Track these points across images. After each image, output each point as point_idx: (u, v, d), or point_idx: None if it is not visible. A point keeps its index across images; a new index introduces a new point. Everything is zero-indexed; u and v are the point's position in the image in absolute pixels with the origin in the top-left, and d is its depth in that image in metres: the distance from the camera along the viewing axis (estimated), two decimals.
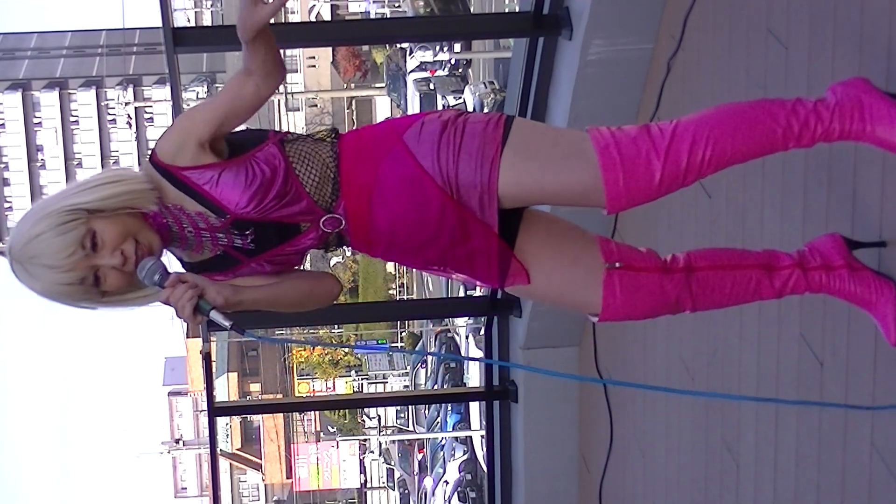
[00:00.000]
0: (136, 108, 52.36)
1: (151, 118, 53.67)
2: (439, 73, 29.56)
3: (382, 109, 41.27)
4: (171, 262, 2.45)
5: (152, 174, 2.37)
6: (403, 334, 36.87)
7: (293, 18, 42.00)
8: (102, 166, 53.14)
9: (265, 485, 44.41)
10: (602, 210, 2.35)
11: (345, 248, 2.51)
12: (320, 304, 2.54)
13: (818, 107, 2.36)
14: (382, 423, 35.62)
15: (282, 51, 2.47)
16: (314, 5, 41.10)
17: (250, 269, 2.44)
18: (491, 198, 2.36)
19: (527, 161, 2.34)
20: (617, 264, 2.50)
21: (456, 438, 26.57)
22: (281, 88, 43.02)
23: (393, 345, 37.21)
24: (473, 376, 24.02)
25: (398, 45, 31.18)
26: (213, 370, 5.12)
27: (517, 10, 5.05)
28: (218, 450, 5.50)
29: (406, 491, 34.91)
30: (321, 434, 40.86)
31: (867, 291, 2.50)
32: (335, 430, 39.84)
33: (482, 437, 18.47)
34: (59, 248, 2.27)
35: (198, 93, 46.99)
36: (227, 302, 2.32)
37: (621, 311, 2.50)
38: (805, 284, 2.53)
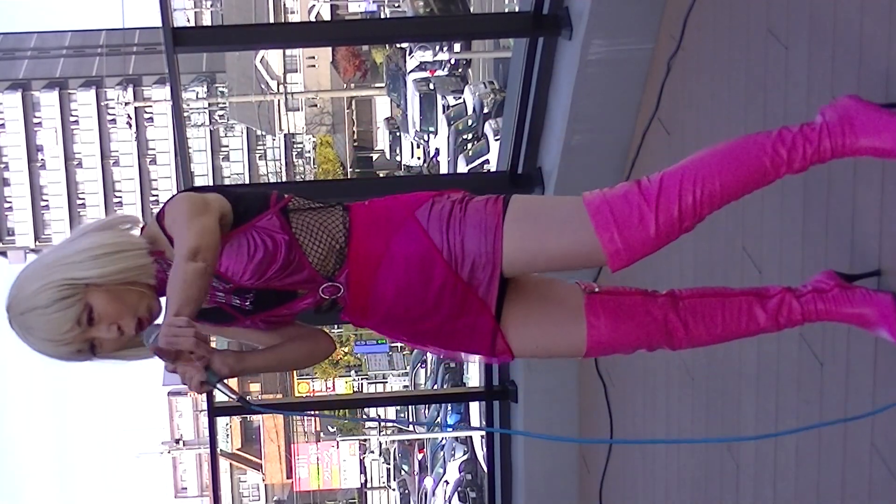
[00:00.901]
0: (136, 108, 52.35)
1: (151, 118, 53.66)
2: (439, 73, 29.57)
3: (382, 109, 41.28)
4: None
5: (156, 233, 2.39)
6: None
7: (293, 18, 42.01)
8: (103, 167, 53.21)
9: (265, 485, 44.42)
10: (608, 269, 2.41)
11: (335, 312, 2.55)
12: (316, 363, 2.65)
13: (804, 129, 2.37)
14: (382, 424, 35.61)
15: (282, 51, 2.49)
16: (314, 5, 41.11)
17: (244, 326, 2.50)
18: (495, 267, 2.42)
19: (527, 226, 2.40)
20: (596, 288, 2.56)
21: (456, 438, 26.57)
22: (281, 89, 42.89)
23: (393, 345, 37.22)
24: (473, 377, 24.01)
25: (398, 45, 31.18)
26: None
27: (517, 10, 5.05)
28: (218, 450, 5.50)
29: (406, 491, 34.92)
30: (321, 434, 40.88)
31: (863, 307, 2.49)
32: (335, 430, 39.85)
33: (482, 437, 18.47)
34: (55, 325, 2.30)
35: (197, 93, 47.02)
36: (232, 371, 2.37)
37: (607, 334, 2.53)
38: (800, 311, 2.54)
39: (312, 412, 6.84)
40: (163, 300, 2.40)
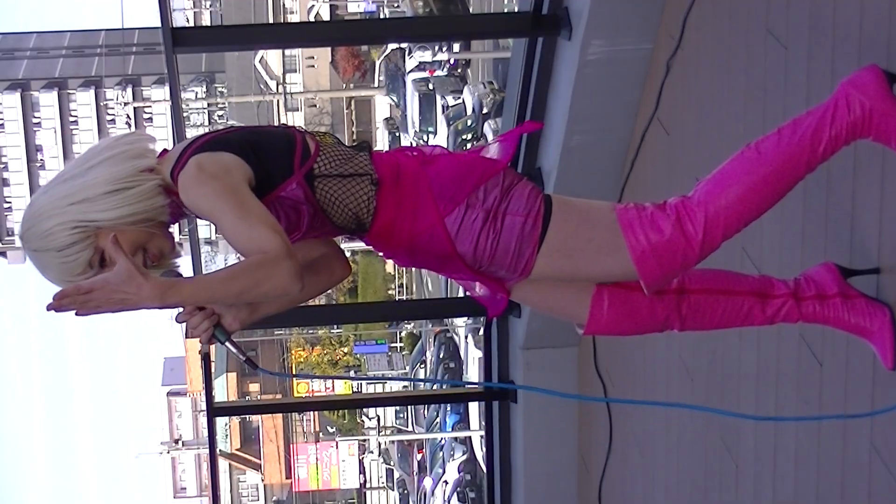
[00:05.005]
0: (135, 108, 52.32)
1: (150, 118, 53.63)
2: (438, 73, 29.54)
3: (382, 110, 41.26)
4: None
5: (171, 184, 2.32)
6: (402, 334, 36.85)
7: (292, 18, 41.99)
8: None
9: (264, 485, 44.40)
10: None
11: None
12: (329, 289, 2.60)
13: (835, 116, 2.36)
14: (382, 424, 35.61)
15: (281, 51, 2.45)
16: (313, 5, 41.07)
17: None
18: (517, 279, 2.45)
19: (561, 260, 2.40)
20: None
21: (455, 439, 26.56)
22: (280, 89, 42.92)
23: (392, 345, 37.21)
24: (473, 376, 24.00)
25: (397, 45, 31.14)
26: (212, 370, 5.11)
27: (516, 10, 5.04)
28: (217, 450, 5.50)
29: (405, 491, 34.90)
30: (320, 434, 40.86)
31: (862, 319, 2.53)
32: (334, 430, 39.83)
33: (482, 437, 18.46)
34: (68, 269, 2.28)
35: (197, 93, 46.98)
36: (244, 324, 2.35)
37: (606, 326, 2.57)
38: (798, 314, 2.57)
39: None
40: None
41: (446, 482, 26.54)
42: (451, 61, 29.12)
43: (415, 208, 2.37)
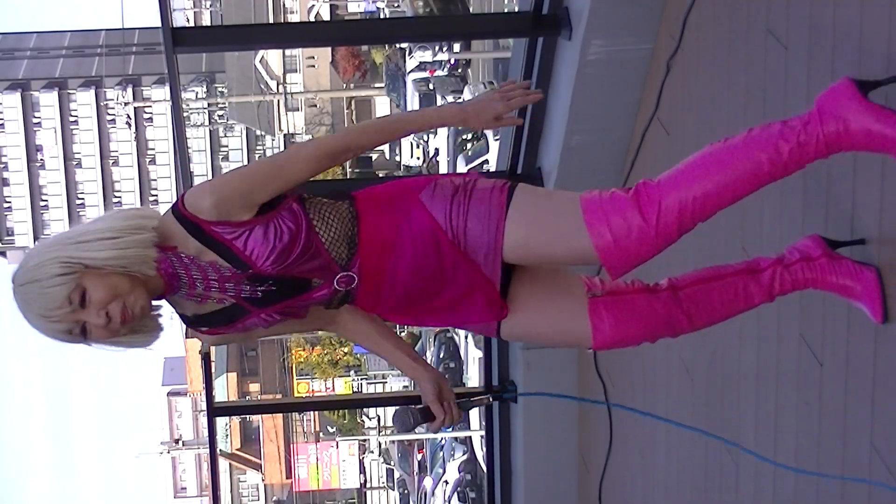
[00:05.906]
0: (135, 108, 52.36)
1: (151, 118, 53.68)
2: (438, 73, 29.56)
3: (382, 110, 41.28)
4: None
5: (169, 227, 2.40)
6: (402, 334, 36.86)
7: (292, 18, 42.00)
8: (102, 167, 53.20)
9: (265, 485, 44.41)
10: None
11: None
12: None
13: (807, 125, 2.36)
14: (382, 423, 35.62)
15: (282, 51, 2.53)
16: (314, 5, 41.09)
17: (259, 320, 2.50)
18: (496, 255, 2.48)
19: (530, 229, 2.46)
20: (598, 291, 2.61)
21: (455, 438, 26.57)
22: (281, 89, 42.78)
23: None
24: (473, 377, 24.02)
25: (397, 46, 31.17)
26: (213, 370, 5.12)
27: (517, 10, 5.05)
28: (217, 450, 5.50)
29: (406, 491, 34.91)
30: (321, 434, 40.88)
31: (848, 280, 2.58)
32: (335, 430, 39.85)
33: (482, 437, 18.46)
34: (47, 301, 2.33)
35: (197, 93, 47.00)
36: (434, 371, 2.70)
37: (612, 334, 2.60)
38: (790, 280, 2.61)
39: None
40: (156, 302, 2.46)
41: (447, 482, 26.56)
42: (452, 61, 29.14)
43: (392, 199, 2.50)
